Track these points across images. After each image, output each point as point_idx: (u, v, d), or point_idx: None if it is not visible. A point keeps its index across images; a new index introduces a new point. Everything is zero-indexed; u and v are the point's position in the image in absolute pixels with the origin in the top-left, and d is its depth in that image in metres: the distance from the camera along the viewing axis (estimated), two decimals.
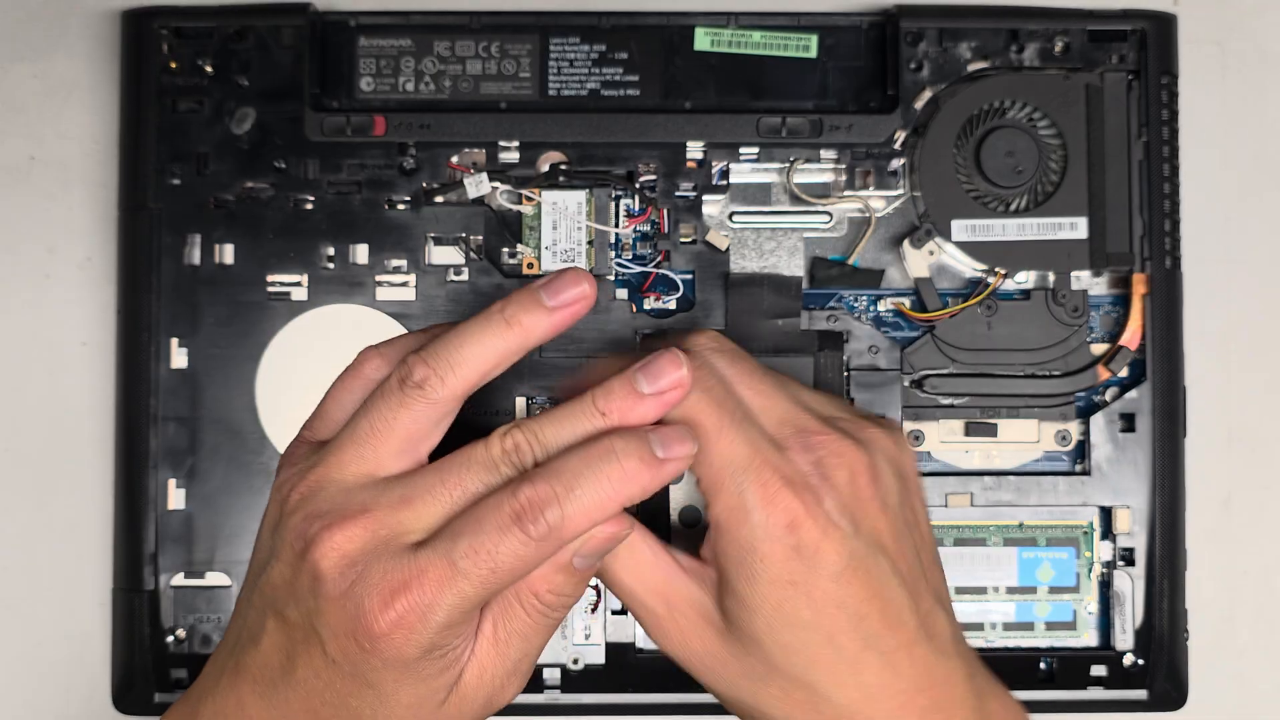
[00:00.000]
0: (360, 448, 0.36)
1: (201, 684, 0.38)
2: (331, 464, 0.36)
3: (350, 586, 0.34)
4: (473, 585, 0.34)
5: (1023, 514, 0.48)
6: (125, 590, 0.48)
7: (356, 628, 0.34)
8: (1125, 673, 0.48)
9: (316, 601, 0.34)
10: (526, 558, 0.34)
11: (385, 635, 0.34)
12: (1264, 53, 0.52)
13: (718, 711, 0.48)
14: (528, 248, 0.49)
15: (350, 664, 0.34)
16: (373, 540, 0.34)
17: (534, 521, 0.34)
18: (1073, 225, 0.48)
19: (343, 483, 0.36)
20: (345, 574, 0.34)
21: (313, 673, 0.35)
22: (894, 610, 0.37)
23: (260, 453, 0.48)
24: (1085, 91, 0.48)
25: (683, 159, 0.49)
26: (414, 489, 0.35)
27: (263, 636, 0.36)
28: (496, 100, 0.49)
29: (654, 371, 0.35)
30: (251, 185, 0.48)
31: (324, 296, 0.48)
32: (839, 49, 0.49)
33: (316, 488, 0.36)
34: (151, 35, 0.48)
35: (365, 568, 0.34)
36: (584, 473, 0.34)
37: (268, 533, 0.37)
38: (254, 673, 0.36)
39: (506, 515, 0.34)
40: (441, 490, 0.35)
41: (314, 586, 0.34)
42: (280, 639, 0.36)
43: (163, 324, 0.48)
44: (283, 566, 0.36)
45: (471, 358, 0.36)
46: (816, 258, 0.49)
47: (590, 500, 0.34)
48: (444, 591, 0.34)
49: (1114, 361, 0.48)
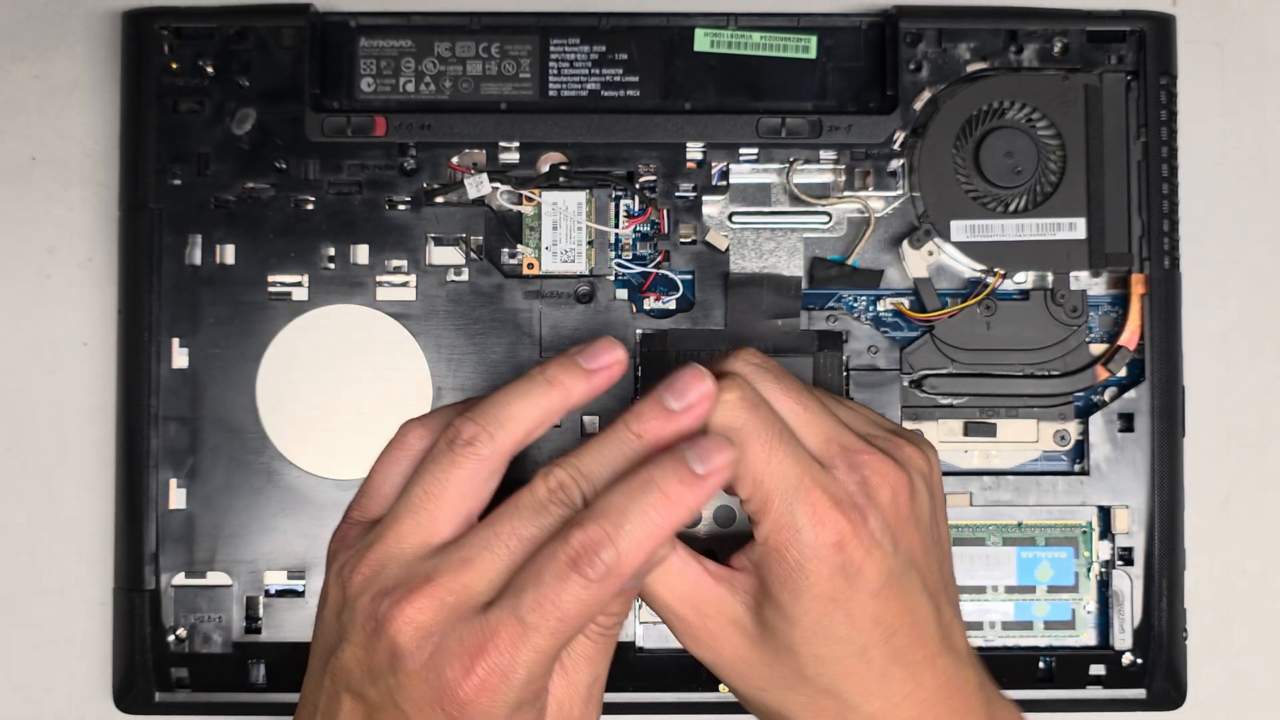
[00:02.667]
0: (416, 516, 0.36)
1: None
2: (390, 539, 0.36)
3: (430, 658, 0.34)
4: (544, 638, 0.34)
5: (1021, 514, 0.48)
6: (126, 590, 0.48)
7: (442, 697, 0.34)
8: (1124, 672, 0.48)
9: (398, 678, 0.34)
10: (590, 601, 0.34)
11: (472, 701, 0.34)
12: (1263, 53, 0.52)
13: (717, 711, 0.48)
14: (528, 248, 0.49)
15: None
16: (443, 608, 0.34)
17: (590, 565, 0.34)
18: (1071, 225, 0.48)
19: (403, 556, 0.36)
20: (423, 646, 0.34)
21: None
22: (921, 624, 0.38)
23: (261, 452, 0.48)
24: (1084, 92, 0.48)
25: (682, 159, 0.49)
26: (471, 549, 0.35)
27: (342, 718, 0.36)
28: (497, 101, 0.49)
29: (680, 388, 0.36)
30: (252, 185, 0.48)
31: (324, 297, 0.48)
32: (838, 50, 0.49)
33: (379, 566, 0.36)
34: (152, 36, 0.48)
35: (441, 637, 0.34)
36: (629, 507, 0.34)
37: (332, 617, 0.37)
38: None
39: (563, 563, 0.34)
40: (498, 544, 0.35)
41: (393, 663, 0.34)
42: (360, 718, 0.36)
43: (163, 324, 0.48)
44: (355, 648, 0.35)
45: (518, 414, 0.36)
46: (816, 258, 0.49)
47: (642, 533, 0.34)
48: (519, 649, 0.34)
49: (1113, 361, 0.48)
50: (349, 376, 0.48)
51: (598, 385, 0.37)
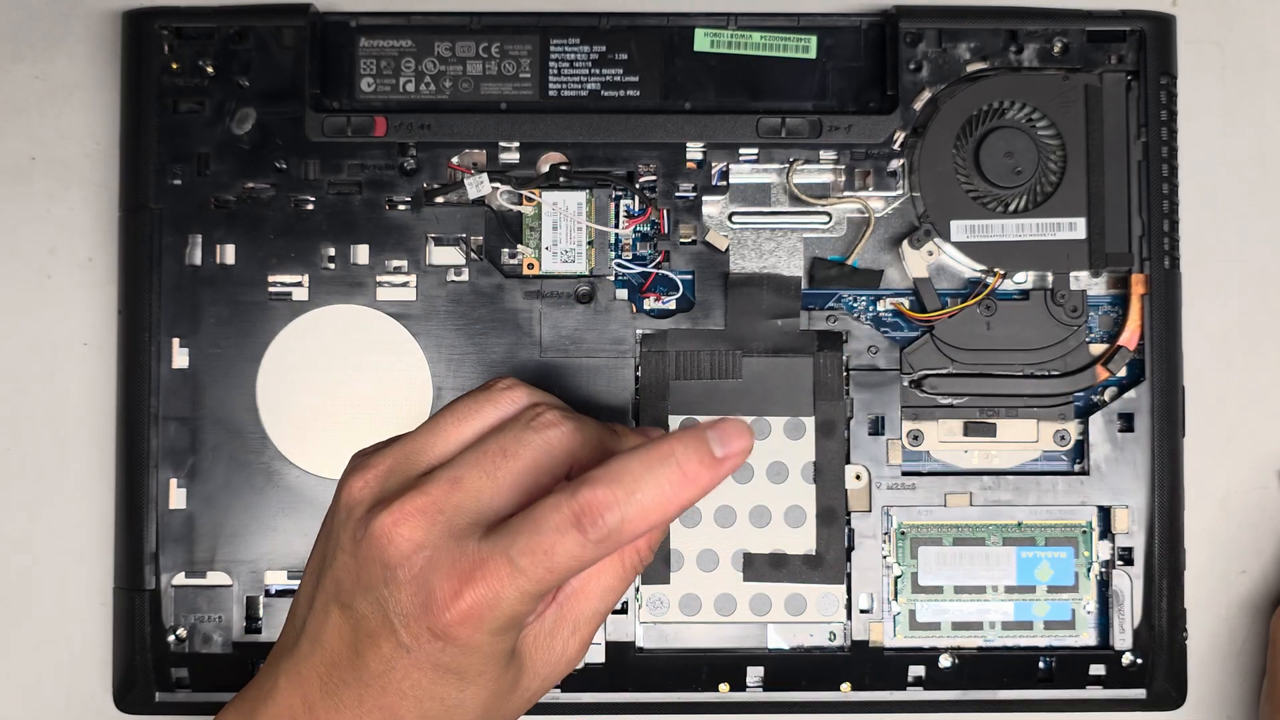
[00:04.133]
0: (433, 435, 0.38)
1: (256, 688, 0.38)
2: (398, 452, 0.37)
3: (420, 570, 0.35)
4: (530, 583, 0.34)
5: (1021, 514, 0.48)
6: (126, 590, 0.48)
7: (429, 613, 0.34)
8: (1124, 672, 0.48)
9: (389, 589, 0.35)
10: (583, 558, 0.34)
11: (457, 623, 0.34)
12: (1263, 53, 0.52)
13: (717, 711, 0.48)
14: (528, 248, 0.49)
15: (425, 651, 0.35)
16: (434, 525, 0.35)
17: (593, 524, 0.34)
18: (1071, 225, 0.48)
19: (406, 471, 0.37)
20: (412, 558, 0.35)
21: (385, 665, 0.35)
22: None
23: (261, 452, 0.48)
24: (1084, 92, 0.48)
25: (682, 159, 0.49)
26: (461, 467, 0.36)
27: (326, 634, 0.36)
28: (497, 101, 0.49)
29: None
30: (252, 185, 0.48)
31: (325, 297, 0.48)
32: (838, 50, 0.49)
33: (384, 476, 0.37)
34: (152, 36, 0.48)
35: (434, 551, 0.35)
36: (645, 476, 0.34)
37: (327, 530, 0.38)
38: (320, 672, 0.36)
39: (566, 516, 0.34)
40: (487, 462, 0.36)
41: (385, 574, 0.35)
42: (347, 633, 0.36)
43: (164, 324, 0.48)
44: (346, 558, 0.36)
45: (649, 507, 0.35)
46: (816, 258, 0.49)
47: (651, 503, 0.34)
48: (505, 586, 0.34)
49: (1113, 361, 0.48)
50: (349, 376, 0.48)
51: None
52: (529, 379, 0.48)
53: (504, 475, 0.36)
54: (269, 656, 0.39)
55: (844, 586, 0.48)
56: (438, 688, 0.35)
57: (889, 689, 0.48)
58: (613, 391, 0.48)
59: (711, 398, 0.48)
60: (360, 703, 0.36)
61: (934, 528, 0.48)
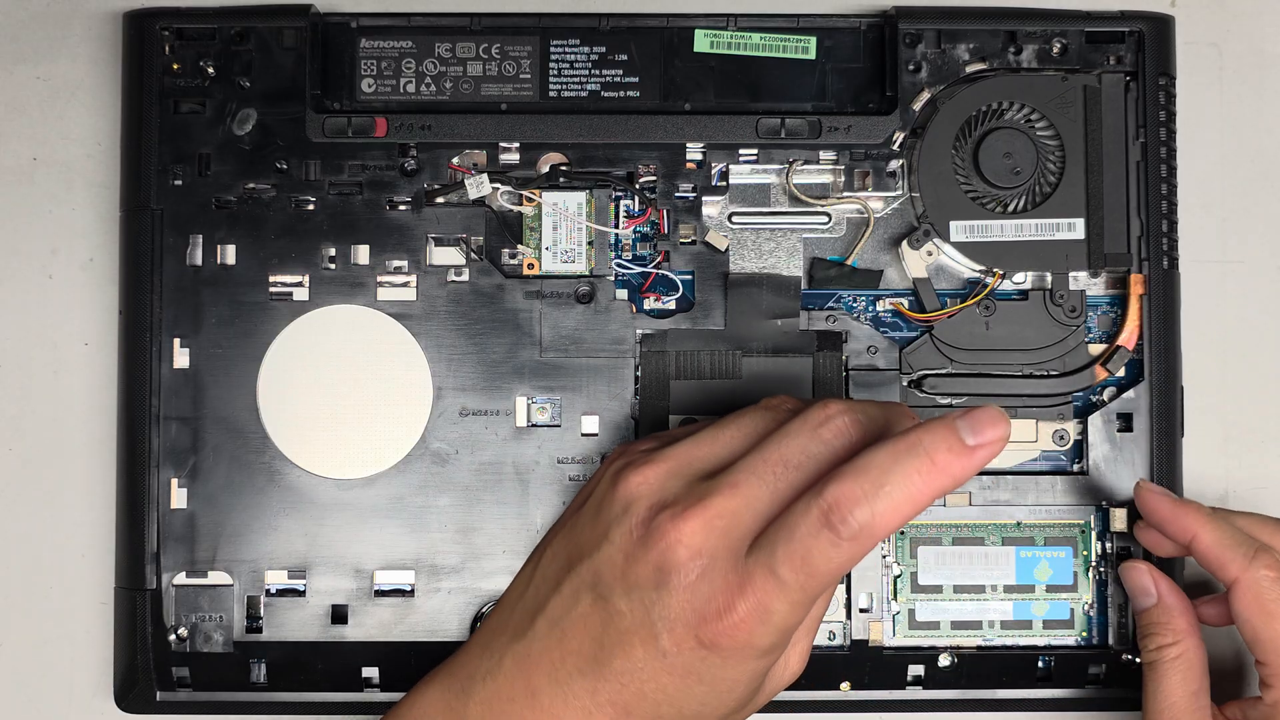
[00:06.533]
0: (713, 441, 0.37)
1: (473, 662, 0.37)
2: (681, 455, 0.36)
3: (696, 580, 0.34)
4: (796, 592, 0.34)
5: (1020, 513, 0.48)
6: (127, 589, 0.48)
7: (701, 622, 0.34)
8: (1122, 671, 0.48)
9: (659, 593, 0.34)
10: (839, 560, 0.33)
11: (729, 633, 0.33)
12: (1261, 54, 0.52)
13: None
14: (528, 248, 0.49)
15: (684, 659, 0.34)
16: (712, 532, 0.34)
17: (843, 522, 0.33)
18: (1070, 226, 0.48)
19: (688, 473, 0.36)
20: (691, 566, 0.34)
21: (633, 665, 0.34)
22: None
23: (262, 452, 0.48)
24: (1083, 93, 0.49)
25: (682, 160, 0.49)
26: (739, 473, 0.35)
27: (570, 621, 0.35)
28: (497, 102, 0.49)
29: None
30: (253, 186, 0.48)
31: (325, 297, 0.48)
32: (838, 50, 0.50)
33: (665, 476, 0.36)
34: (153, 37, 0.48)
35: (710, 561, 0.34)
36: (892, 469, 0.33)
37: (592, 512, 0.37)
38: (553, 658, 0.35)
39: (815, 518, 0.33)
40: (764, 469, 0.35)
41: (659, 578, 0.34)
42: (595, 625, 0.35)
43: (165, 324, 0.48)
44: (615, 553, 0.35)
45: (898, 501, 0.34)
46: (815, 258, 0.49)
47: (900, 496, 0.33)
48: (774, 598, 0.33)
49: (1111, 361, 0.49)
50: (349, 376, 0.48)
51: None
52: (529, 379, 0.48)
53: (784, 487, 0.35)
54: (483, 633, 0.38)
55: (843, 586, 0.48)
56: (681, 695, 0.35)
57: (888, 688, 0.48)
58: (613, 391, 0.48)
59: (711, 398, 0.48)
60: (594, 695, 0.35)
61: (933, 527, 0.48)
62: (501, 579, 0.47)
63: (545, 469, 0.48)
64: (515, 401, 0.48)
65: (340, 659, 0.48)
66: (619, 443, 0.48)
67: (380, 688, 0.48)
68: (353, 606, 0.48)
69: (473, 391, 0.48)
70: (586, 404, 0.48)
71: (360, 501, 0.48)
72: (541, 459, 0.48)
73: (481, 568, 0.48)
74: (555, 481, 0.48)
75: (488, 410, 0.48)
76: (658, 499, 0.35)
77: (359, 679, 0.48)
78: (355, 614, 0.48)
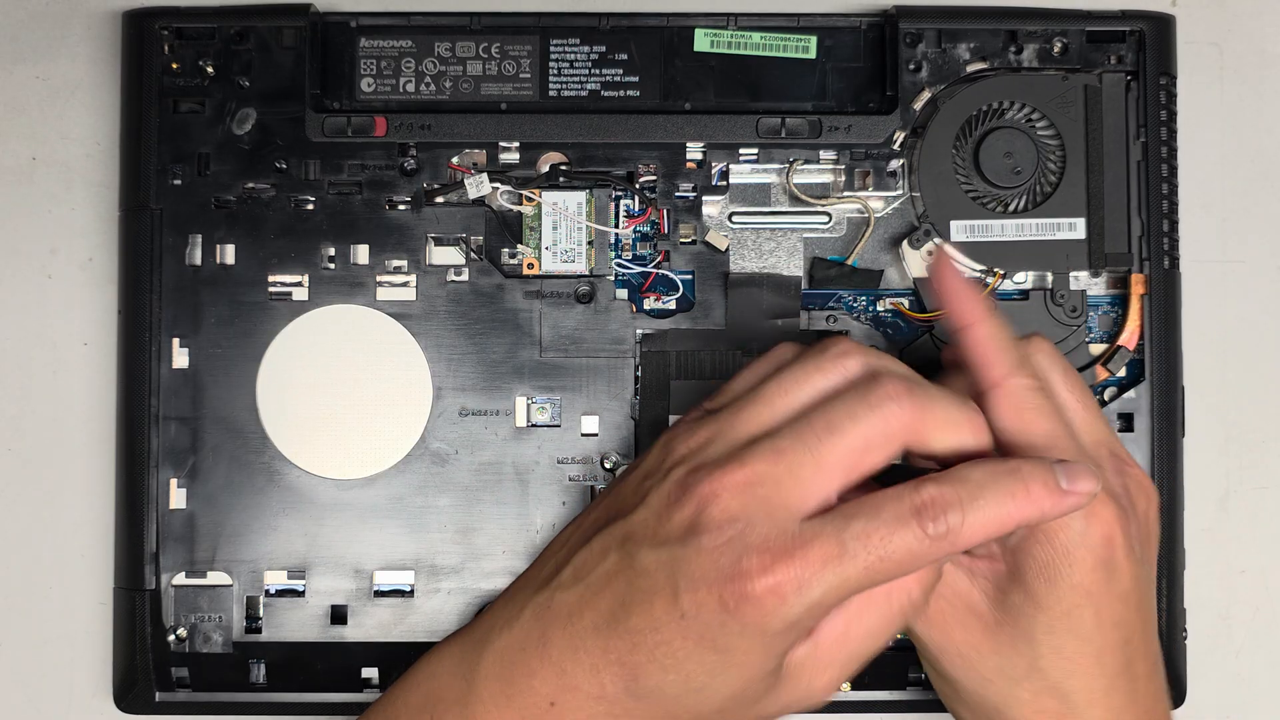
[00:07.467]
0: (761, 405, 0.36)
1: (496, 615, 0.37)
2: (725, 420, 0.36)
3: (729, 541, 0.33)
4: (856, 570, 0.33)
5: None
6: (127, 589, 0.48)
7: (726, 582, 0.33)
8: None
9: (685, 549, 0.34)
10: (918, 554, 0.33)
11: (757, 599, 0.33)
12: (1262, 53, 0.52)
13: None
14: (528, 248, 0.49)
15: (703, 622, 0.33)
16: (753, 498, 0.34)
17: (934, 520, 0.33)
18: (1071, 226, 0.48)
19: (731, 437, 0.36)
20: (724, 528, 0.34)
21: (651, 625, 0.34)
22: (1149, 639, 0.39)
23: (261, 452, 0.48)
24: (1084, 92, 0.48)
25: (682, 160, 0.49)
26: (786, 438, 0.35)
27: (594, 574, 0.35)
28: (497, 101, 0.49)
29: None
30: (252, 186, 0.48)
31: (325, 297, 0.48)
32: (838, 50, 0.50)
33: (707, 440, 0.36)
34: (153, 36, 0.48)
35: (747, 525, 0.34)
36: (990, 485, 0.34)
37: (636, 481, 0.37)
38: (571, 608, 0.35)
39: (907, 508, 0.33)
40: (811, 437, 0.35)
41: (686, 535, 0.34)
42: (619, 584, 0.35)
43: (164, 324, 0.48)
44: (648, 513, 0.35)
45: (989, 515, 0.34)
46: (816, 258, 0.49)
47: (991, 513, 0.34)
48: (826, 570, 0.33)
49: (1112, 361, 0.49)
50: (349, 376, 0.48)
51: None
52: (529, 379, 0.48)
53: (828, 453, 0.34)
54: (509, 591, 0.38)
55: None
56: (692, 663, 0.34)
57: (889, 688, 0.48)
58: (613, 391, 0.48)
59: None
60: (604, 653, 0.35)
61: None
62: (501, 579, 0.47)
63: (545, 469, 0.48)
64: (515, 402, 0.48)
65: (340, 659, 0.48)
66: (618, 443, 0.48)
67: (380, 688, 0.48)
68: (352, 607, 0.48)
69: (472, 391, 0.48)
70: (586, 404, 0.48)
71: (360, 502, 0.48)
72: (541, 459, 0.48)
73: (481, 568, 0.48)
74: (555, 482, 0.48)
75: (487, 410, 0.48)
76: (698, 463, 0.35)
77: (358, 679, 0.48)
78: (355, 614, 0.48)
